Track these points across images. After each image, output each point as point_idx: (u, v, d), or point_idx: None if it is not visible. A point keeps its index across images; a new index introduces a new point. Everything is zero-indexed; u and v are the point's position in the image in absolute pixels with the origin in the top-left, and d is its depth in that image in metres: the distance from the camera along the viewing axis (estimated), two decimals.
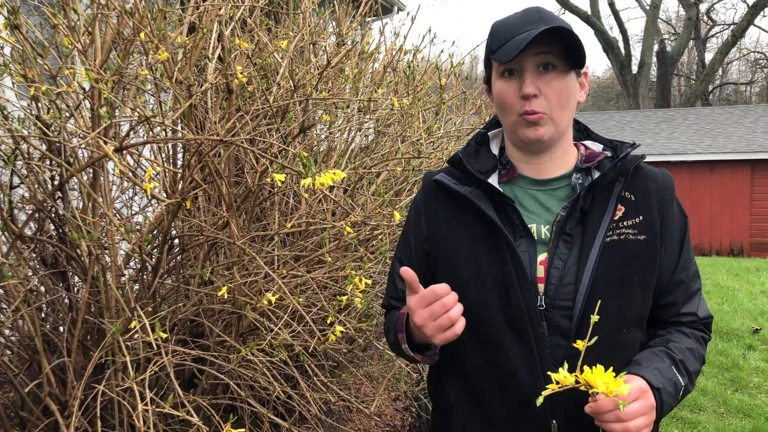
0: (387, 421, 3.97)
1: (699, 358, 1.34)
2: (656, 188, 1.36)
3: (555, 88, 1.29)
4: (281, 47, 2.18)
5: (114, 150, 1.63)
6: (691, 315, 1.37)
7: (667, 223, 1.35)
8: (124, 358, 1.71)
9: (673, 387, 1.24)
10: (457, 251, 1.37)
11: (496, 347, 1.32)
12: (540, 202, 1.38)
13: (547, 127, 1.31)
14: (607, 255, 1.29)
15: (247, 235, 2.10)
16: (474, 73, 5.12)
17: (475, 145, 1.47)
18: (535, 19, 1.28)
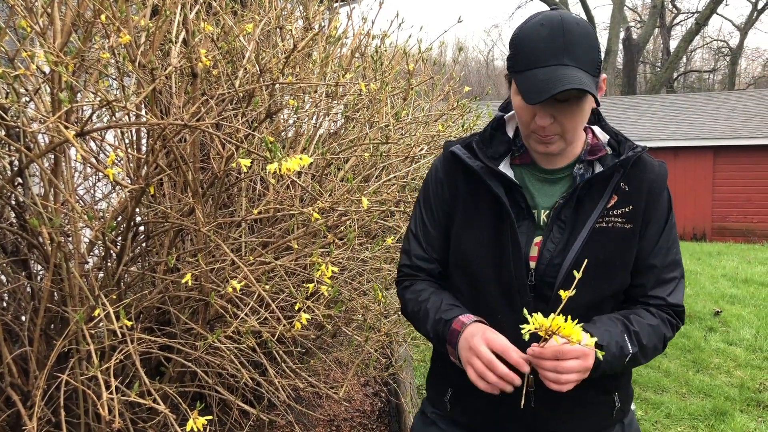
0: (356, 407, 3.98)
1: (659, 336, 1.46)
2: (650, 179, 1.48)
3: (569, 115, 1.38)
4: (247, 31, 2.15)
5: (75, 135, 1.60)
6: (658, 299, 1.48)
7: (651, 211, 1.47)
8: (88, 347, 1.68)
9: (619, 350, 1.37)
10: (469, 222, 1.53)
11: (489, 310, 1.49)
12: (544, 188, 1.51)
13: (558, 144, 1.43)
14: (594, 239, 1.43)
15: (214, 221, 2.07)
16: (443, 59, 5.12)
17: (490, 131, 1.57)
18: (560, 47, 1.32)
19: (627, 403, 1.60)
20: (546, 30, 1.35)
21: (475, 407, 1.56)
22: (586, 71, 1.33)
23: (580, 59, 1.33)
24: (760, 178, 15.18)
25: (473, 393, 1.44)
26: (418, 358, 5.35)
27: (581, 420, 1.51)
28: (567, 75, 1.31)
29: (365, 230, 3.11)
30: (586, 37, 1.35)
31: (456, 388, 1.60)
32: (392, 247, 3.20)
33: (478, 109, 4.02)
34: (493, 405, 1.49)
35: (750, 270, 10.30)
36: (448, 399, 1.62)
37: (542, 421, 1.49)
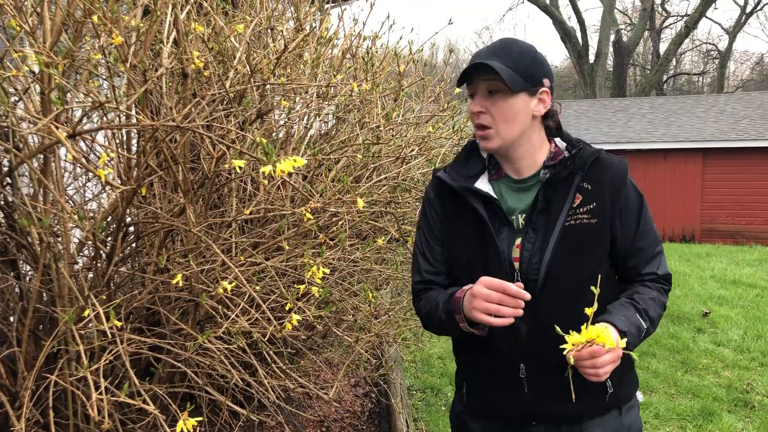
0: (347, 407, 3.98)
1: (660, 305, 1.69)
2: (610, 176, 1.67)
3: (499, 107, 1.63)
4: (238, 31, 2.15)
5: (67, 136, 1.59)
6: (651, 274, 1.72)
7: (621, 203, 1.67)
8: (77, 347, 1.68)
9: (637, 330, 1.58)
10: (457, 238, 1.76)
11: None
12: (519, 196, 1.72)
13: (495, 140, 1.66)
14: (565, 236, 1.63)
15: (204, 222, 2.07)
16: (434, 61, 5.14)
17: (464, 154, 1.80)
18: (491, 51, 1.64)
19: (623, 390, 1.75)
20: (493, 43, 1.68)
21: (484, 395, 1.79)
22: (513, 70, 1.59)
23: (508, 60, 1.60)
24: (749, 180, 15.28)
25: (485, 386, 1.77)
26: (409, 359, 5.36)
27: (573, 404, 1.62)
28: (491, 63, 1.59)
29: (356, 231, 3.11)
30: (522, 50, 1.64)
31: (469, 381, 1.84)
32: (383, 248, 3.20)
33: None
34: (497, 393, 1.74)
35: (738, 271, 10.37)
36: (464, 392, 1.86)
37: (538, 406, 1.69)
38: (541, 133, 1.73)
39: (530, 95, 1.64)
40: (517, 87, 1.60)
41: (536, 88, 1.65)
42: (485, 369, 1.77)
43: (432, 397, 4.64)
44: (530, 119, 1.66)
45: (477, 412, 1.83)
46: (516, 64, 1.61)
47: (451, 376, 5.04)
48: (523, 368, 1.67)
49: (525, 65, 1.62)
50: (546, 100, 1.67)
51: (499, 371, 1.72)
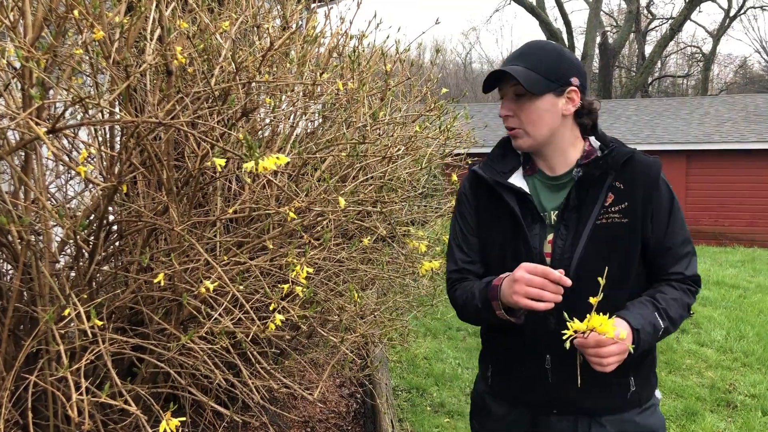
0: (332, 408, 3.97)
1: (682, 306, 1.71)
2: (643, 176, 1.70)
3: (525, 110, 1.69)
4: (224, 29, 2.13)
5: (46, 132, 1.57)
6: (678, 274, 1.73)
7: (654, 202, 1.69)
8: (57, 347, 1.65)
9: (653, 328, 1.61)
10: (490, 232, 1.82)
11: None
12: (552, 192, 1.76)
13: (524, 139, 1.73)
14: (596, 235, 1.67)
15: (188, 220, 2.05)
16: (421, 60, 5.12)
17: (499, 150, 1.85)
18: (516, 55, 1.71)
19: (645, 389, 1.78)
20: (514, 51, 1.74)
21: (509, 380, 1.84)
22: (537, 72, 1.64)
23: (531, 62, 1.66)
24: (732, 183, 15.41)
25: (510, 372, 1.82)
26: (394, 359, 5.35)
27: (596, 397, 1.71)
28: (509, 68, 1.65)
29: (342, 231, 3.10)
30: (546, 52, 1.69)
31: (494, 365, 1.89)
32: (369, 248, 3.19)
33: (455, 111, 4.03)
34: (521, 379, 1.79)
35: (721, 272, 10.46)
36: (489, 374, 1.90)
37: (561, 394, 1.72)
38: (574, 131, 1.76)
39: (557, 95, 1.68)
40: (539, 89, 1.65)
41: (563, 88, 1.68)
42: (512, 355, 1.81)
43: (417, 398, 4.64)
44: (559, 118, 1.70)
45: (500, 395, 1.88)
46: (539, 65, 1.66)
47: (437, 376, 5.04)
48: (549, 359, 1.71)
49: (550, 66, 1.66)
50: (575, 99, 1.70)
51: (526, 359, 1.76)
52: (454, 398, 4.66)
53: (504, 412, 1.87)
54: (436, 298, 4.23)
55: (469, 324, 2.08)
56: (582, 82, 1.71)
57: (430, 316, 6.57)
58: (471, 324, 1.95)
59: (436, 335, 6.28)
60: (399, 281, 3.59)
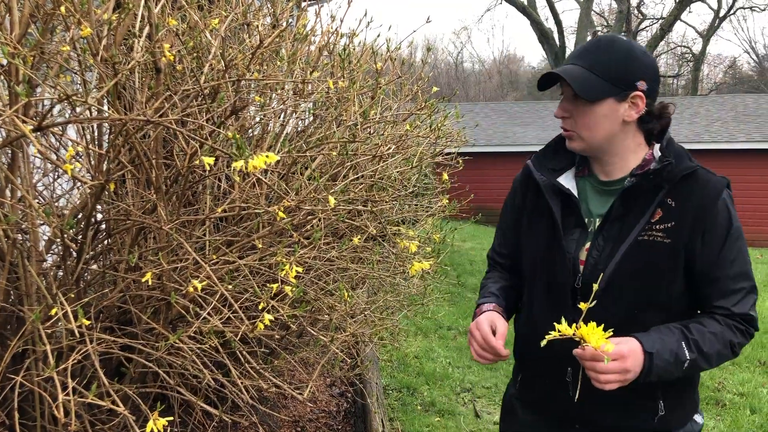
0: (322, 407, 3.96)
1: (723, 343, 1.53)
2: (700, 195, 1.56)
3: (580, 113, 1.58)
4: (213, 26, 2.11)
5: (33, 129, 1.55)
6: (723, 309, 1.56)
7: (705, 224, 1.54)
8: (44, 347, 1.64)
9: (673, 357, 1.48)
10: (529, 231, 1.77)
11: (539, 308, 1.74)
12: (601, 198, 1.67)
13: (578, 142, 1.63)
14: (634, 251, 1.56)
15: (177, 219, 2.03)
16: (412, 60, 5.13)
17: (553, 145, 1.77)
18: (577, 54, 1.61)
19: (677, 415, 1.66)
20: (582, 44, 1.64)
21: (535, 392, 1.82)
22: (597, 74, 1.53)
23: (594, 63, 1.55)
24: None
25: (535, 380, 1.81)
26: (385, 359, 5.35)
27: (617, 416, 1.64)
28: (565, 68, 1.56)
29: (332, 230, 3.09)
30: (613, 51, 1.56)
31: (524, 374, 1.88)
32: (359, 247, 3.18)
33: (446, 110, 4.02)
34: (545, 389, 1.76)
35: None
36: (519, 379, 1.89)
37: (581, 411, 1.65)
38: (637, 137, 1.63)
39: (619, 100, 1.55)
40: (595, 95, 1.54)
41: (627, 92, 1.55)
42: (536, 366, 1.79)
43: (408, 397, 4.64)
44: (619, 125, 1.58)
45: (527, 402, 1.87)
46: (601, 66, 1.54)
47: (427, 375, 5.04)
48: (570, 371, 1.65)
49: (614, 67, 1.54)
50: (639, 105, 1.57)
51: (548, 371, 1.72)
52: (445, 397, 4.67)
53: (530, 419, 1.85)
54: (426, 297, 4.22)
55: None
56: (651, 86, 1.57)
57: (420, 315, 6.57)
58: None
59: (426, 334, 6.28)
60: (389, 280, 3.59)
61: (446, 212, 4.04)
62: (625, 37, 1.61)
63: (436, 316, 6.59)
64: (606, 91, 1.54)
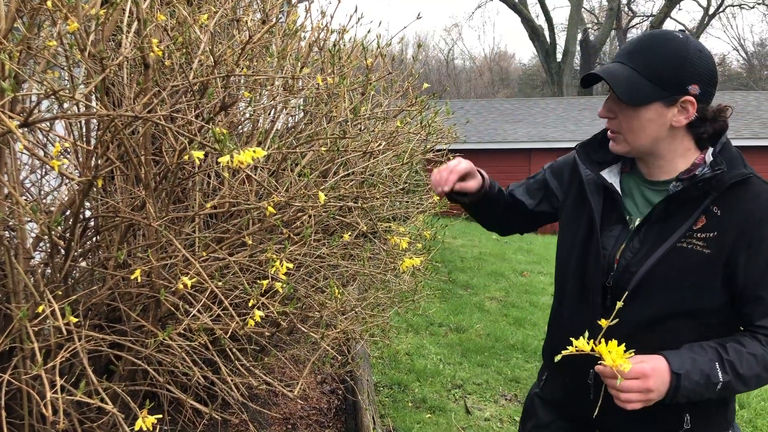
0: (313, 404, 3.96)
1: (763, 365, 1.44)
2: (749, 206, 1.46)
3: (625, 116, 1.52)
4: (202, 21, 2.10)
5: (19, 125, 1.54)
6: (766, 329, 1.46)
7: (752, 238, 1.45)
8: (32, 345, 1.62)
9: (704, 378, 1.40)
10: (570, 222, 1.74)
11: (568, 304, 1.72)
12: (645, 197, 1.61)
13: (622, 145, 1.57)
14: (671, 257, 1.50)
15: (166, 216, 2.02)
16: (403, 56, 5.13)
17: (600, 138, 1.71)
18: (626, 51, 1.52)
19: (704, 429, 1.59)
20: (633, 40, 1.55)
21: (557, 391, 1.81)
22: (645, 76, 1.45)
23: (643, 63, 1.47)
24: None
25: (557, 379, 1.79)
26: (376, 355, 5.35)
27: (638, 425, 1.58)
28: (610, 68, 1.51)
29: (323, 226, 3.08)
30: (664, 51, 1.46)
31: (549, 370, 1.86)
32: (350, 244, 3.18)
33: (437, 107, 4.02)
34: (566, 390, 1.74)
35: None
36: (544, 377, 1.88)
37: (600, 415, 1.54)
38: (686, 141, 1.54)
39: (667, 104, 1.47)
40: (641, 100, 1.46)
41: (676, 97, 1.46)
42: (560, 366, 1.63)
43: (399, 393, 4.64)
44: (666, 130, 1.50)
45: (548, 401, 1.86)
46: (650, 68, 1.45)
47: (419, 372, 5.05)
48: (592, 374, 1.60)
49: (664, 69, 1.45)
50: (690, 110, 1.47)
51: (570, 372, 1.67)
52: (436, 394, 4.67)
53: (549, 420, 1.84)
54: (417, 294, 4.22)
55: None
56: (705, 89, 1.47)
57: (411, 312, 6.58)
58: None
59: (417, 331, 6.28)
60: (380, 277, 3.58)
61: (437, 209, 4.05)
62: (681, 35, 1.48)
63: (427, 312, 6.60)
64: (653, 95, 1.45)
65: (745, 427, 4.38)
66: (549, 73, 27.66)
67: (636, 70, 1.46)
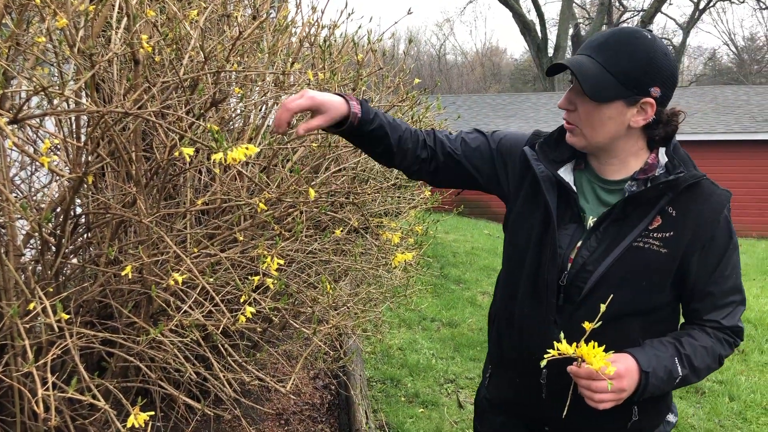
0: (306, 400, 3.96)
1: (713, 357, 1.52)
2: (703, 207, 1.51)
3: (586, 110, 1.50)
4: (192, 17, 2.09)
5: (8, 122, 1.53)
6: (714, 322, 1.54)
7: (706, 239, 1.50)
8: (23, 342, 1.62)
9: (667, 374, 1.46)
10: (523, 219, 1.67)
11: (519, 303, 1.66)
12: (597, 196, 1.60)
13: (578, 138, 1.55)
14: (628, 256, 1.51)
15: (157, 212, 2.02)
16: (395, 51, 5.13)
17: (556, 135, 1.67)
18: (595, 45, 1.49)
19: (651, 420, 1.64)
20: (603, 33, 1.51)
21: (502, 389, 1.79)
22: (612, 73, 1.43)
23: (611, 60, 1.44)
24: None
25: (506, 379, 1.75)
26: (368, 350, 5.36)
27: (590, 422, 1.59)
28: (578, 60, 1.47)
29: (314, 222, 3.09)
30: (633, 49, 1.44)
31: (494, 367, 1.83)
32: (342, 239, 3.18)
33: (428, 102, 4.03)
34: (516, 389, 1.71)
35: None
36: (488, 375, 1.85)
37: (553, 414, 1.59)
38: (640, 142, 1.55)
39: (628, 104, 1.47)
40: (606, 96, 1.45)
41: (638, 98, 1.46)
42: (510, 363, 1.73)
43: (392, 388, 4.65)
44: (624, 129, 1.50)
45: (496, 403, 1.83)
46: (618, 65, 1.44)
47: (411, 366, 5.06)
48: (545, 373, 1.59)
49: (631, 69, 1.44)
50: (648, 112, 1.48)
51: (522, 370, 1.65)
52: (429, 388, 4.69)
53: (500, 422, 1.82)
54: (409, 289, 4.23)
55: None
56: (665, 93, 1.48)
57: (403, 307, 6.59)
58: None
59: (410, 326, 6.30)
60: (372, 272, 3.59)
61: (429, 204, 4.05)
62: (649, 34, 1.47)
63: (419, 307, 6.61)
64: (617, 93, 1.45)
65: (735, 419, 4.42)
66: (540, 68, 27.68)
67: (603, 65, 1.45)
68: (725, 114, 16.66)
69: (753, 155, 15.48)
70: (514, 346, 1.69)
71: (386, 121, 1.61)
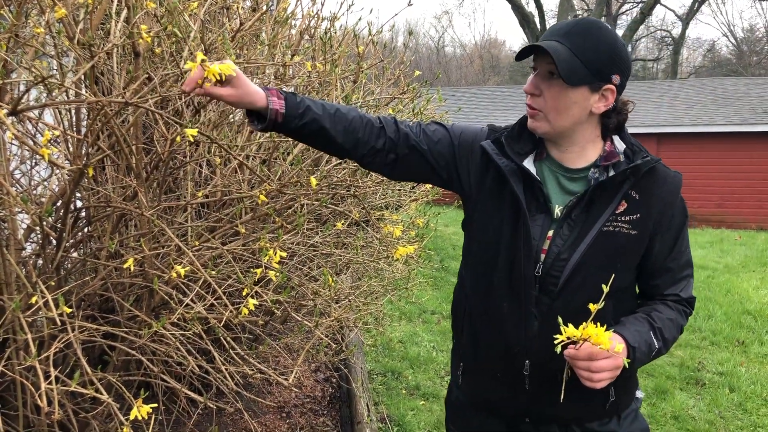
0: (307, 393, 3.97)
1: (677, 327, 1.62)
2: (662, 190, 1.59)
3: (553, 94, 1.52)
4: (192, 9, 2.08)
5: (7, 114, 1.52)
6: (674, 295, 1.64)
7: (667, 219, 1.59)
8: (25, 336, 1.61)
9: (648, 347, 1.52)
10: (490, 215, 1.65)
11: (495, 298, 1.64)
12: (561, 185, 1.62)
13: (542, 123, 1.56)
14: (599, 241, 1.55)
15: (158, 205, 2.01)
16: (394, 44, 5.11)
17: (518, 128, 1.67)
18: (563, 31, 1.51)
19: (624, 398, 1.69)
20: (567, 22, 1.54)
21: (478, 385, 1.76)
22: (581, 59, 1.47)
23: (579, 46, 1.48)
24: (701, 165, 15.64)
25: (480, 372, 1.74)
26: (369, 343, 5.36)
27: (572, 407, 1.59)
28: (551, 44, 1.48)
29: (316, 215, 3.08)
30: (600, 37, 1.49)
31: (466, 362, 1.79)
32: (343, 232, 3.18)
33: (428, 94, 4.02)
34: (495, 383, 1.69)
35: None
36: (460, 373, 1.81)
37: (535, 405, 1.64)
38: (596, 129, 1.61)
39: (592, 90, 1.51)
40: (576, 80, 1.48)
41: (601, 84, 1.51)
42: (488, 357, 1.71)
43: (393, 381, 4.66)
44: (586, 115, 1.55)
45: (472, 400, 1.80)
46: (586, 53, 1.48)
47: (412, 359, 5.06)
48: (528, 364, 1.61)
49: (598, 56, 1.49)
50: (609, 99, 1.54)
51: (502, 363, 1.65)
52: (429, 381, 4.69)
53: (477, 422, 1.80)
54: (410, 282, 4.23)
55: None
56: (623, 82, 1.55)
57: (404, 300, 6.59)
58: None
59: (410, 319, 6.30)
60: (373, 265, 3.59)
61: (429, 197, 4.04)
62: (609, 26, 1.56)
63: (419, 300, 6.61)
64: (584, 78, 1.49)
65: (736, 410, 4.43)
66: None
67: (573, 50, 1.48)
68: (725, 106, 16.63)
69: (752, 147, 15.46)
70: (493, 341, 1.67)
71: (324, 113, 1.53)
